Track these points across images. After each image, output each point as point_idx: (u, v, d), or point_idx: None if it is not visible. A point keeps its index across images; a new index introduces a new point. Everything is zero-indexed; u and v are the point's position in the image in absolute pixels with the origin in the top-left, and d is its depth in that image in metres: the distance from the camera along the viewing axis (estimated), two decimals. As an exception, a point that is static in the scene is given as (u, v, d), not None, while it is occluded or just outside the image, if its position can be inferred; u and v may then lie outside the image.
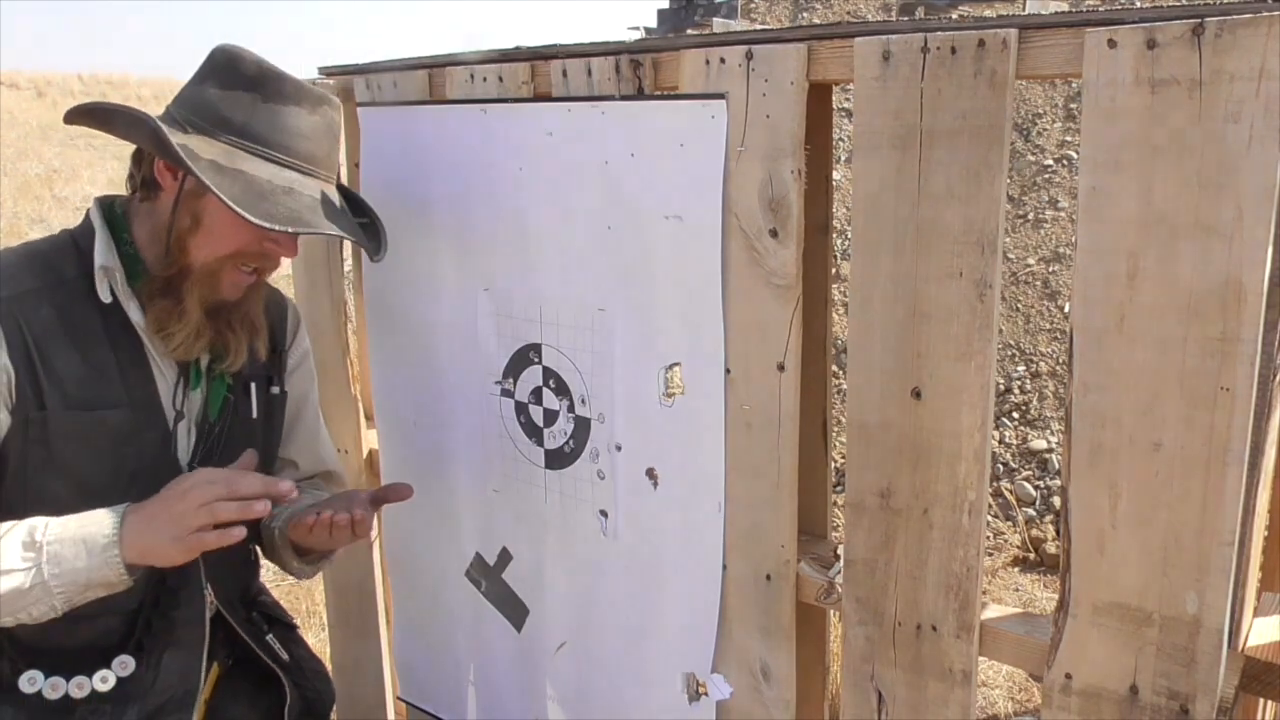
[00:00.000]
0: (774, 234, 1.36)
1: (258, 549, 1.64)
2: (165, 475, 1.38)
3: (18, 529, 1.27)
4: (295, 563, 1.57)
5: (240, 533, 1.28)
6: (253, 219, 1.27)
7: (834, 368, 2.09)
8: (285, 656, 1.61)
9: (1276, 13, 0.98)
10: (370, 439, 2.09)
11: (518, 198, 1.63)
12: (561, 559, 1.71)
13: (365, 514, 1.45)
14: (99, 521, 1.27)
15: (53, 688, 1.36)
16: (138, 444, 1.38)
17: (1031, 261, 5.42)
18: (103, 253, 1.36)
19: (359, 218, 1.53)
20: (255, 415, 1.53)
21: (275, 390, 1.59)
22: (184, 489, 1.28)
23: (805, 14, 8.78)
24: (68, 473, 1.33)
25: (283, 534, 1.53)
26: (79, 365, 1.33)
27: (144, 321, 1.38)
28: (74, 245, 1.38)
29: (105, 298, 1.36)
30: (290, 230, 1.32)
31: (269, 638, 1.60)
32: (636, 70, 1.47)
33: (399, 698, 2.16)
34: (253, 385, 1.53)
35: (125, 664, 1.39)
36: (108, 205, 1.43)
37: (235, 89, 1.36)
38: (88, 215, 1.42)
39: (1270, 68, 0.98)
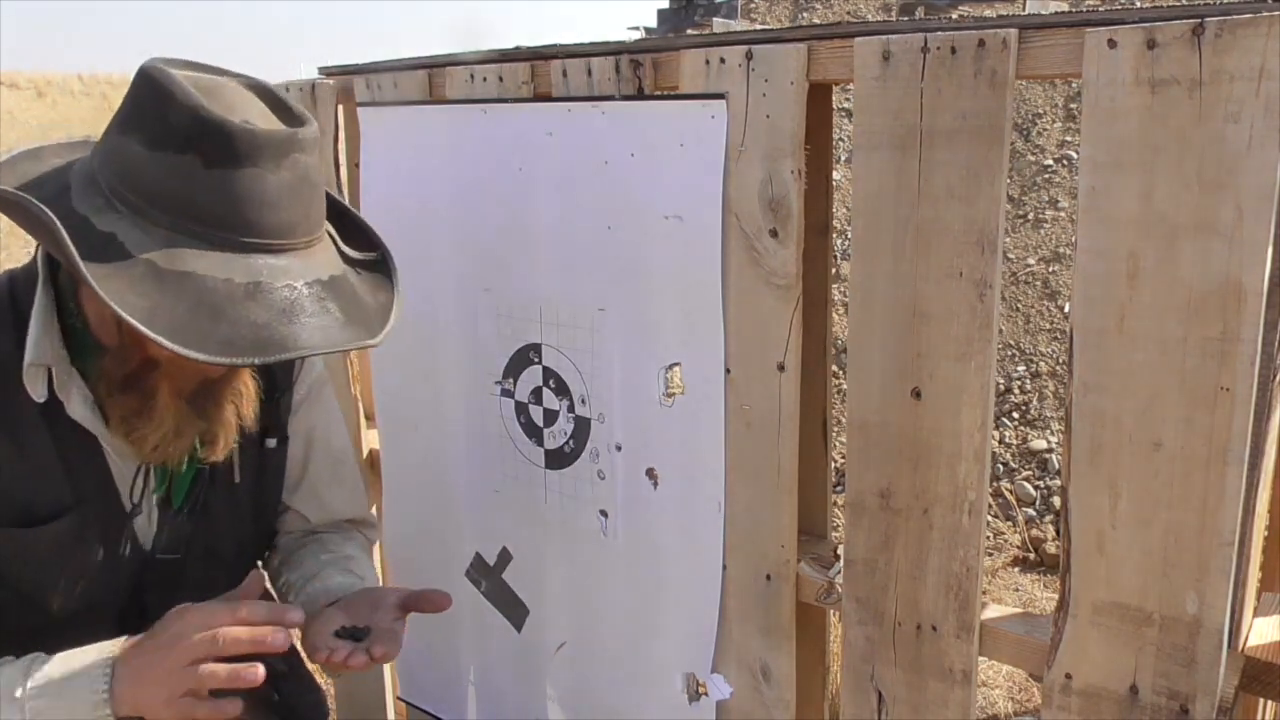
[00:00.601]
0: (774, 234, 1.36)
1: None
2: (124, 568, 1.21)
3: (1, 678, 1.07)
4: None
5: (234, 708, 1.06)
6: (201, 357, 0.95)
7: (834, 368, 2.09)
8: (275, 698, 1.40)
9: (1276, 13, 0.98)
10: (370, 439, 2.09)
11: (518, 198, 1.63)
12: (561, 559, 1.71)
13: (388, 647, 1.18)
14: (88, 674, 1.06)
15: None
16: (87, 546, 1.17)
17: (1031, 261, 5.42)
18: (36, 342, 1.09)
19: (364, 251, 1.21)
20: (238, 479, 1.30)
21: (271, 443, 1.34)
22: (172, 635, 1.05)
23: (805, 14, 8.78)
24: (2, 583, 1.14)
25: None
26: (13, 467, 1.11)
27: (95, 420, 1.13)
28: (11, 308, 1.12)
29: (38, 397, 1.10)
30: (255, 361, 0.99)
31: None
32: (636, 70, 1.47)
33: (399, 698, 2.16)
34: (235, 446, 1.26)
35: None
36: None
37: (166, 149, 0.99)
38: (34, 262, 1.14)
39: (1270, 68, 0.98)
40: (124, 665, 1.06)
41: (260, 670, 1.02)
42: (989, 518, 4.23)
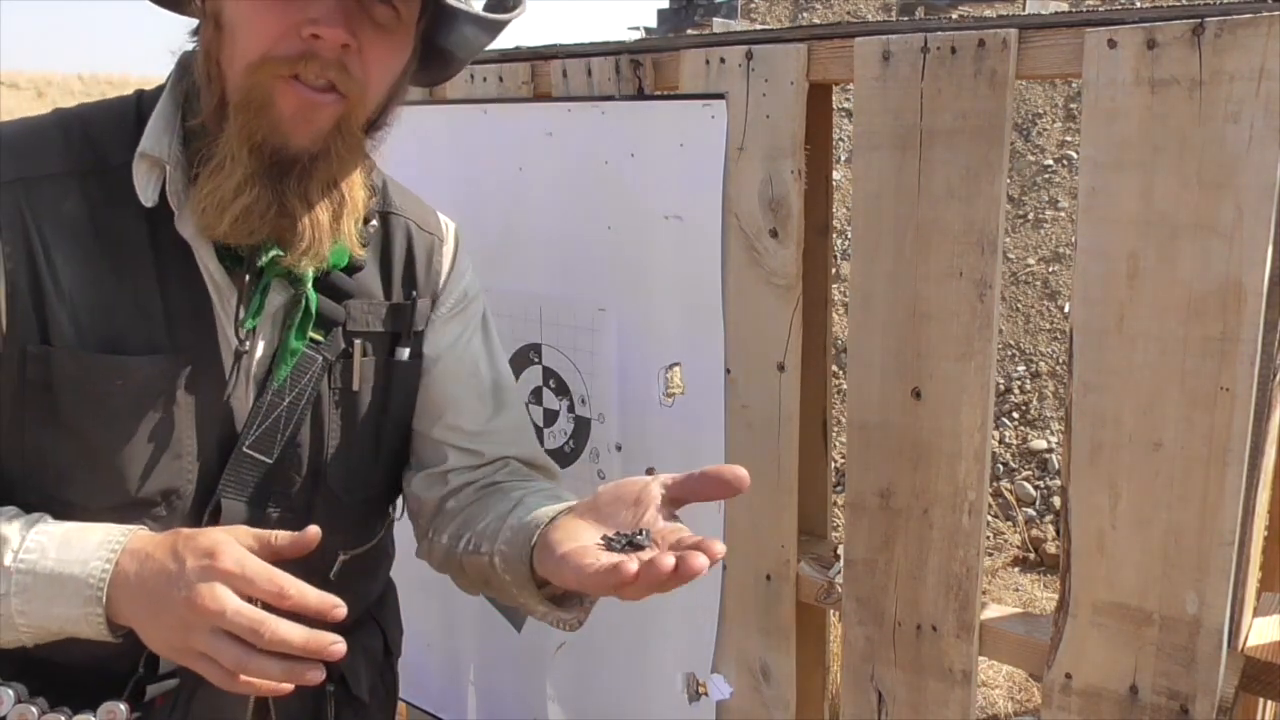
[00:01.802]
0: (774, 234, 1.36)
1: (338, 559, 1.15)
2: (208, 449, 1.01)
3: None
4: (542, 607, 0.99)
5: (288, 686, 0.84)
6: None
7: (834, 368, 2.09)
8: None
9: (1276, 13, 0.98)
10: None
11: (518, 198, 1.63)
12: (561, 559, 1.71)
13: (701, 541, 0.85)
14: (86, 559, 0.88)
15: (19, 716, 0.93)
16: (175, 405, 0.98)
17: (1031, 261, 5.41)
18: (154, 134, 0.96)
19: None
20: (357, 387, 1.09)
21: (403, 355, 1.12)
22: (198, 578, 0.84)
23: (805, 14, 8.78)
24: (73, 436, 0.96)
25: (508, 562, 0.99)
26: (107, 288, 0.95)
27: (204, 241, 0.98)
28: (136, 116, 0.99)
29: (146, 199, 0.95)
30: None
31: (329, 689, 1.18)
32: (636, 70, 1.47)
33: (399, 698, 2.16)
34: (358, 345, 1.08)
35: (115, 714, 0.96)
36: (190, 63, 1.00)
37: None
38: (165, 82, 1.02)
39: (1270, 68, 0.98)
40: (131, 562, 0.88)
41: (322, 675, 0.84)
42: (989, 518, 4.23)
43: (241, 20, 0.92)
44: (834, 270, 2.09)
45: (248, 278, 1.00)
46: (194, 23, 1.02)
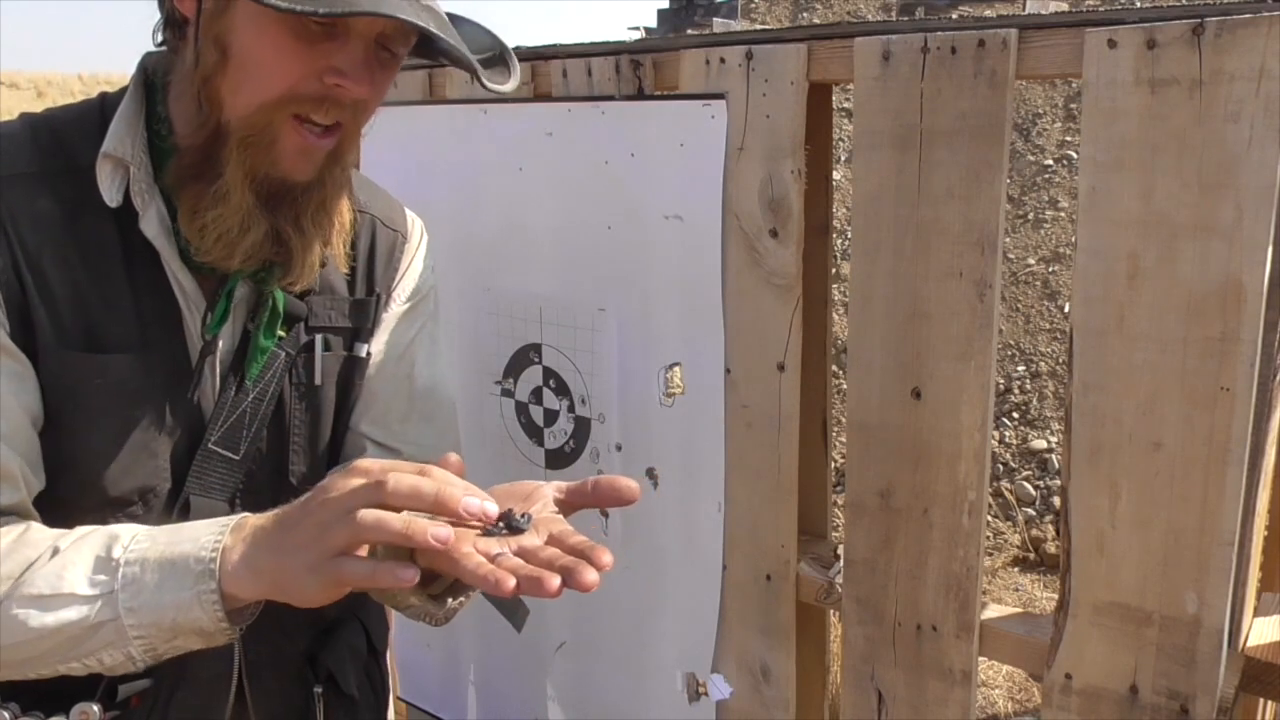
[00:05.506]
0: (774, 234, 1.36)
1: None
2: (179, 446, 1.02)
3: (95, 537, 0.88)
4: (414, 598, 0.93)
5: (410, 574, 0.79)
6: (277, 2, 0.82)
7: (834, 368, 2.09)
8: None
9: (1276, 13, 0.98)
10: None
11: (518, 198, 1.63)
12: (561, 559, 1.71)
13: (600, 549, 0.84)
14: (196, 536, 0.85)
15: None
16: (148, 399, 1.00)
17: (1031, 261, 5.41)
18: (116, 135, 0.97)
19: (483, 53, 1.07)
20: (319, 381, 1.10)
21: (363, 351, 1.13)
22: (322, 490, 0.81)
23: (805, 14, 8.77)
24: (54, 435, 0.96)
25: (388, 549, 0.95)
26: (82, 286, 0.96)
27: (167, 242, 0.99)
28: (100, 119, 1.00)
29: (110, 200, 0.96)
30: (340, 11, 0.85)
31: (316, 690, 1.17)
32: (636, 70, 1.47)
33: (399, 698, 2.16)
34: (320, 341, 1.10)
35: (88, 714, 0.96)
36: (154, 64, 1.02)
37: None
38: (127, 85, 1.03)
39: (1270, 68, 0.98)
40: (251, 523, 0.86)
41: (448, 534, 0.77)
42: (989, 518, 4.23)
43: (261, 57, 0.92)
44: (834, 270, 2.09)
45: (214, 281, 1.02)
46: (157, 20, 1.01)
